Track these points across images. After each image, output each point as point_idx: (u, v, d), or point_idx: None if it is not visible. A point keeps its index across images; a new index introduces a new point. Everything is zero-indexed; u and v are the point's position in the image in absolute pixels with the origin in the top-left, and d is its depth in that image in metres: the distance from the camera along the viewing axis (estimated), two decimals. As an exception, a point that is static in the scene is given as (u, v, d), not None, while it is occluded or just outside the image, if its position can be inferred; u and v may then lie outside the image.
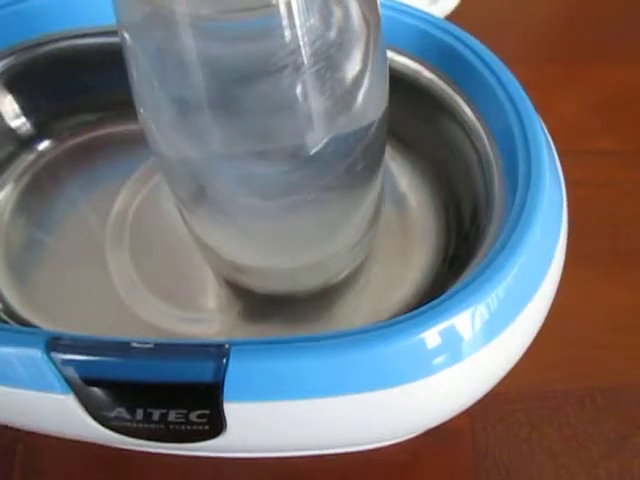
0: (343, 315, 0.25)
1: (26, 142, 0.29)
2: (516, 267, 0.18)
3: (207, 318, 0.25)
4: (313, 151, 0.17)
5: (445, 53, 0.23)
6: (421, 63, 0.24)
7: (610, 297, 0.31)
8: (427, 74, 0.24)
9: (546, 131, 0.22)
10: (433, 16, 0.23)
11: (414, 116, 0.26)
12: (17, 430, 0.23)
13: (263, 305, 0.25)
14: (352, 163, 0.19)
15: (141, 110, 0.18)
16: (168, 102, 0.17)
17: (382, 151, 0.21)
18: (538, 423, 0.28)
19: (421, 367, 0.18)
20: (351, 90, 0.17)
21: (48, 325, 0.24)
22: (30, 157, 0.29)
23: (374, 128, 0.19)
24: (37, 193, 0.29)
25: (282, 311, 0.25)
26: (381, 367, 0.17)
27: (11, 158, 0.29)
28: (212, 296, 0.26)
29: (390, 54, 0.25)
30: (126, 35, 0.16)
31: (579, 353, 0.29)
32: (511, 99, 0.20)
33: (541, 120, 0.22)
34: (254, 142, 0.17)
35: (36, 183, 0.29)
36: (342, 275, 0.25)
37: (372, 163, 0.21)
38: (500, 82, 0.21)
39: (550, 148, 0.21)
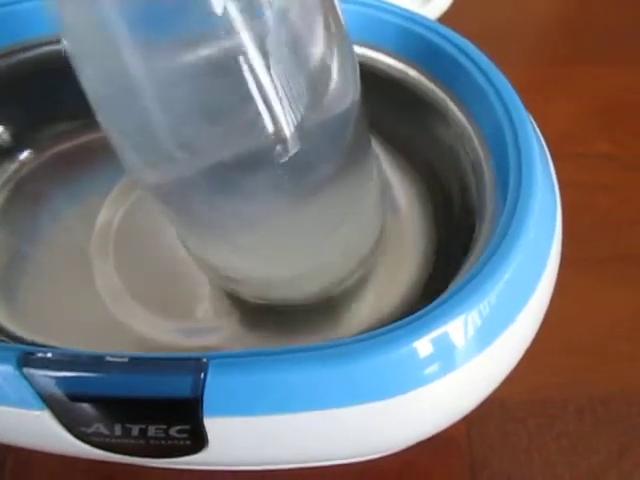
0: (344, 324, 0.24)
1: (5, 153, 0.28)
2: (509, 272, 0.18)
3: (201, 328, 0.25)
4: (292, 150, 0.17)
5: (434, 54, 0.22)
6: (411, 65, 0.24)
7: (610, 303, 0.30)
8: (416, 75, 0.24)
9: (538, 132, 0.21)
10: (422, 16, 0.23)
11: (405, 119, 0.25)
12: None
13: (260, 314, 0.25)
14: (335, 156, 0.18)
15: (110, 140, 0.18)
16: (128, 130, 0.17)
17: (366, 144, 0.21)
18: (536, 432, 0.27)
19: (413, 378, 0.17)
20: (318, 74, 0.17)
21: (35, 338, 0.24)
22: (11, 168, 0.29)
23: (350, 116, 0.18)
24: (19, 204, 0.28)
25: (280, 320, 0.24)
26: (369, 379, 0.17)
27: None
28: (206, 305, 0.25)
29: (379, 55, 0.24)
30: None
31: (578, 361, 0.29)
32: (502, 99, 0.20)
33: (533, 121, 0.21)
34: (227, 148, 0.17)
35: (18, 194, 0.28)
36: (343, 286, 0.24)
37: (357, 156, 0.20)
38: (490, 82, 0.20)
39: (542, 149, 0.20)
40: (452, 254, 0.22)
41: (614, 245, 0.32)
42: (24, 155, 0.29)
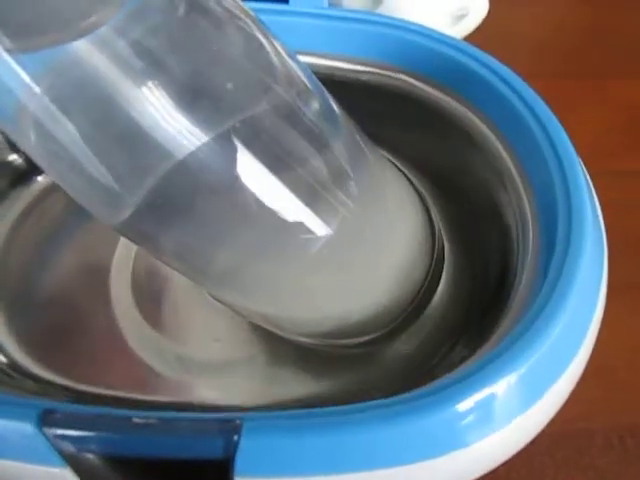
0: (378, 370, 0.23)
1: (21, 177, 0.27)
2: (560, 326, 0.17)
3: (224, 366, 0.23)
4: None
5: (486, 92, 0.21)
6: (461, 102, 0.23)
7: (638, 330, 0.29)
8: (469, 115, 0.23)
9: (590, 184, 0.20)
10: (462, 42, 0.22)
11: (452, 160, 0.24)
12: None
13: (287, 347, 0.23)
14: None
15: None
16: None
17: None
18: (563, 465, 0.26)
19: (452, 440, 0.16)
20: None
21: (53, 377, 0.23)
22: (26, 193, 0.28)
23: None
24: (35, 230, 0.27)
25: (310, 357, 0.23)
26: (407, 441, 0.16)
27: (6, 193, 0.27)
28: (230, 339, 0.24)
29: (438, 94, 0.24)
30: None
31: (605, 390, 0.28)
32: (555, 150, 0.19)
33: (580, 159, 0.20)
34: None
35: (34, 219, 0.27)
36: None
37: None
38: (545, 130, 0.19)
39: (593, 200, 0.19)
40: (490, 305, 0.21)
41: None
42: (39, 180, 0.28)
